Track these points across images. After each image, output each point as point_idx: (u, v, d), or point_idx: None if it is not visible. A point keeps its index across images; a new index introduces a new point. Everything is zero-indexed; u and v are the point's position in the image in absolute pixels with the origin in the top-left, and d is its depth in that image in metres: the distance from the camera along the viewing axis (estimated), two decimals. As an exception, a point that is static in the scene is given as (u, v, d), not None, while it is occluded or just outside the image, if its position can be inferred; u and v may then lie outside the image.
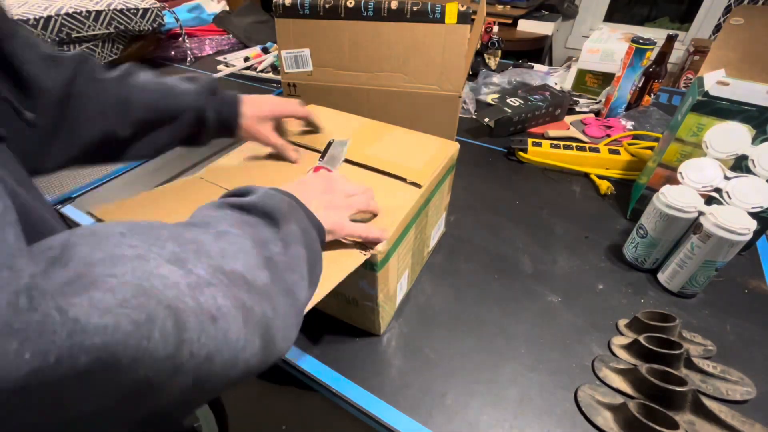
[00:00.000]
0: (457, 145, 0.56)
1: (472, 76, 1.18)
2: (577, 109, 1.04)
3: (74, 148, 0.43)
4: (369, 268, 0.41)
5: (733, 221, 0.48)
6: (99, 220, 0.42)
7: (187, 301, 0.19)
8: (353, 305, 0.48)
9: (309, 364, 0.48)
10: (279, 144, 0.53)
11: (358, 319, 0.51)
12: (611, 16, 2.37)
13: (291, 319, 0.28)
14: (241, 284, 0.23)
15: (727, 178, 0.55)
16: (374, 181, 0.49)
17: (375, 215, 0.44)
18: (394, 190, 0.48)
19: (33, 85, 0.39)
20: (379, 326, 0.50)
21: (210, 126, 0.51)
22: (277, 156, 0.54)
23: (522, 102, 0.94)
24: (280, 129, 0.56)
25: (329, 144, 0.55)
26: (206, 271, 0.22)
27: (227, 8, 1.57)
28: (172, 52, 1.31)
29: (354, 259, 0.39)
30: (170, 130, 0.49)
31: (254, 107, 0.53)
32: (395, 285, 0.49)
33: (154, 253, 0.20)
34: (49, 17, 0.98)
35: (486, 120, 0.91)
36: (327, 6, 0.69)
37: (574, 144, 0.83)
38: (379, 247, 0.40)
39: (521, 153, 0.84)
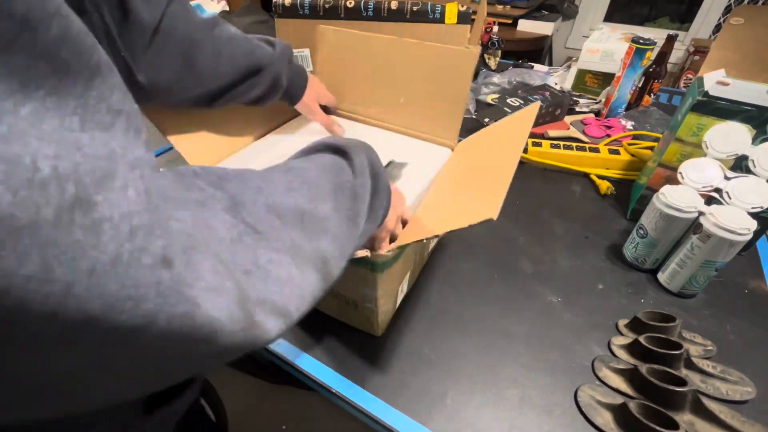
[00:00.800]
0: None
1: (472, 76, 1.18)
2: (577, 109, 1.04)
3: (158, 83, 0.45)
4: (371, 269, 0.41)
5: (733, 221, 0.48)
6: None
7: (226, 257, 0.18)
8: (353, 307, 0.48)
9: (309, 364, 0.48)
10: (328, 120, 0.62)
11: (358, 321, 0.51)
12: (611, 16, 2.36)
13: (348, 247, 0.28)
14: (294, 222, 0.23)
15: (727, 178, 0.55)
16: None
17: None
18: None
19: (134, 17, 0.39)
20: (378, 328, 0.50)
21: (280, 91, 0.55)
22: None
23: (522, 102, 0.94)
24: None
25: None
26: (257, 217, 0.21)
27: (227, 8, 1.57)
28: (172, 52, 1.31)
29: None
30: (247, 86, 0.51)
31: (315, 88, 0.60)
32: (396, 287, 0.49)
33: (216, 200, 0.20)
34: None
35: (486, 120, 0.91)
36: (327, 6, 0.69)
37: (574, 144, 0.83)
38: (388, 252, 0.40)
39: (521, 153, 0.84)
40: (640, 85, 0.98)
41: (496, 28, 1.22)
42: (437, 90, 0.57)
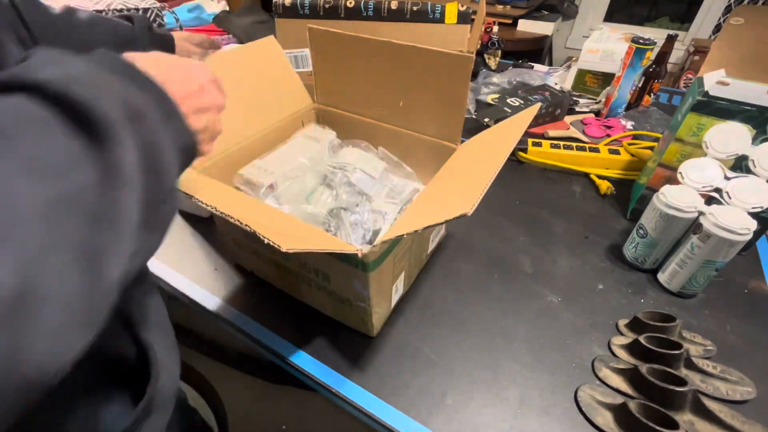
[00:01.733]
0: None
1: (472, 76, 1.18)
2: (577, 109, 1.03)
3: None
4: (361, 268, 0.41)
5: (733, 221, 0.48)
6: None
7: None
8: (347, 305, 0.48)
9: (309, 363, 0.48)
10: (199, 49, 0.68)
11: (352, 320, 0.51)
12: (611, 16, 2.36)
13: (71, 318, 0.16)
14: None
15: (727, 178, 0.55)
16: None
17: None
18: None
19: None
20: (372, 327, 0.49)
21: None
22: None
23: (522, 102, 0.94)
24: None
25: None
26: None
27: (227, 8, 1.57)
28: (172, 52, 1.31)
29: (336, 245, 0.39)
30: None
31: (183, 36, 0.67)
32: (390, 287, 0.49)
33: None
34: (49, 17, 0.97)
35: (486, 120, 0.91)
36: (327, 6, 0.69)
37: (574, 144, 0.83)
38: (372, 248, 0.40)
39: (521, 153, 0.84)
40: (640, 85, 0.98)
41: (496, 28, 1.22)
42: (436, 94, 0.57)
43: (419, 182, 0.62)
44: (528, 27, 2.02)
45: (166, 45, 0.64)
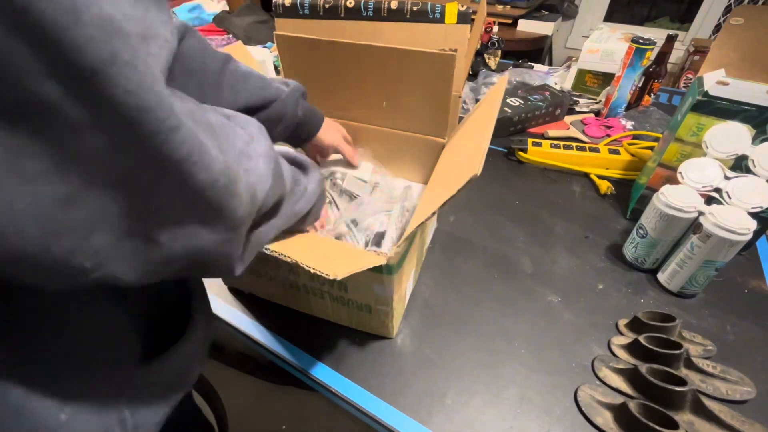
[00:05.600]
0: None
1: (472, 76, 1.18)
2: (577, 109, 1.03)
3: None
4: (386, 272, 0.41)
5: (733, 221, 0.48)
6: None
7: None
8: (366, 312, 0.48)
9: (309, 364, 0.48)
10: (352, 151, 0.63)
11: (371, 325, 0.50)
12: (611, 16, 2.36)
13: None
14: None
15: (727, 178, 0.55)
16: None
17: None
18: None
19: None
20: (393, 328, 0.49)
21: (287, 126, 0.52)
22: None
23: (522, 102, 0.94)
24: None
25: None
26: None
27: (227, 8, 1.57)
28: (172, 52, 1.31)
29: (372, 259, 0.39)
30: (258, 118, 0.50)
31: (327, 134, 0.58)
32: (406, 285, 0.49)
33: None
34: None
35: (486, 120, 0.91)
36: (327, 6, 0.69)
37: (574, 144, 0.83)
38: (395, 249, 0.40)
39: (521, 153, 0.84)
40: (640, 85, 0.98)
41: (496, 28, 1.22)
42: (420, 92, 0.56)
43: (406, 180, 0.62)
44: (528, 27, 2.02)
45: (312, 122, 0.56)
